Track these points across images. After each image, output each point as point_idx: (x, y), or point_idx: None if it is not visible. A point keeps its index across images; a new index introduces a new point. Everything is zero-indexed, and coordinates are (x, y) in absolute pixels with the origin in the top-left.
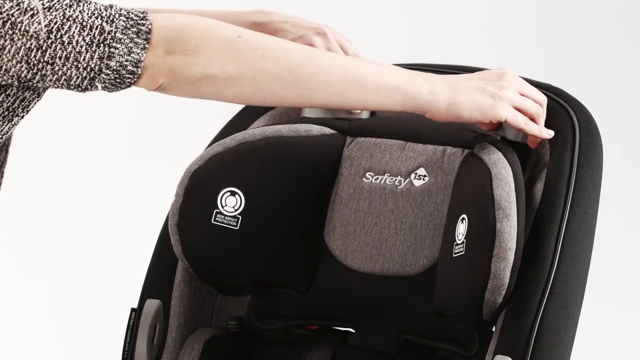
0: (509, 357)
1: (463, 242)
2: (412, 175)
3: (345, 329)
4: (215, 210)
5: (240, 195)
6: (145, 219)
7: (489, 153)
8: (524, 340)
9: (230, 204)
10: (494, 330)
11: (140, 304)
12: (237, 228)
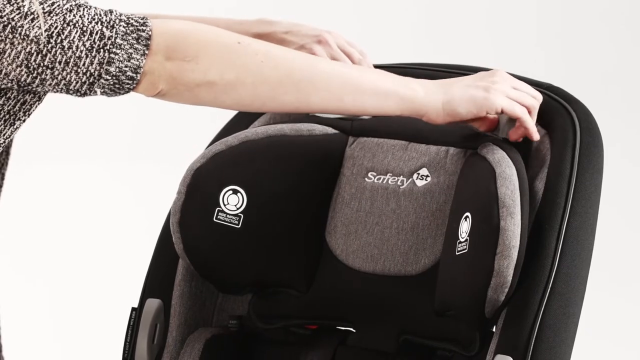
0: (509, 357)
1: (466, 240)
2: (415, 176)
3: (346, 328)
4: (217, 208)
5: (242, 194)
6: (145, 219)
7: (493, 152)
8: (525, 339)
9: (232, 202)
10: (494, 330)
11: (141, 303)
12: (239, 226)
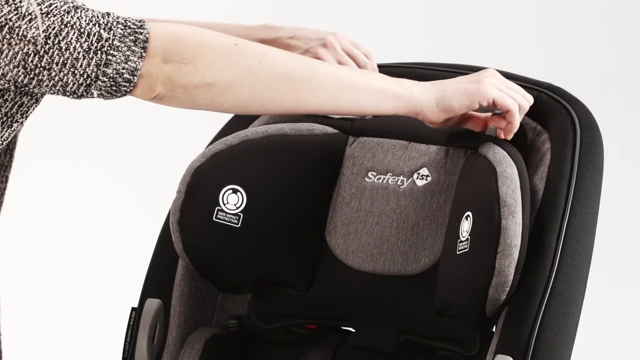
0: (509, 357)
1: (467, 239)
2: (415, 175)
3: (346, 328)
4: (217, 207)
5: (242, 193)
6: (145, 219)
7: (494, 151)
8: (525, 339)
9: (232, 201)
10: (494, 330)
11: (141, 303)
12: (239, 226)
